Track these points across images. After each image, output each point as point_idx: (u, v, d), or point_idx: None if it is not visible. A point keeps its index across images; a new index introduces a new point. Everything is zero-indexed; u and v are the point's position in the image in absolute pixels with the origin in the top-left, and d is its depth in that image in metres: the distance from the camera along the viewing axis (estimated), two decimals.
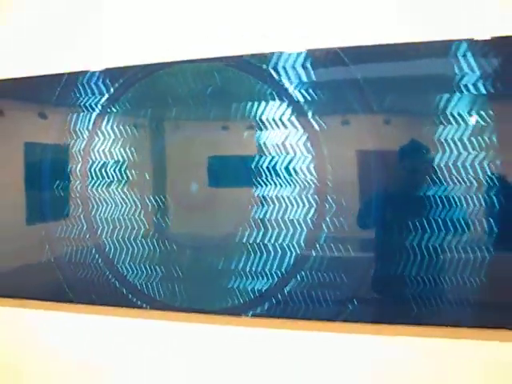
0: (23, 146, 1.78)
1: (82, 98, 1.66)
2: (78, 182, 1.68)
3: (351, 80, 1.39)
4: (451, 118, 1.31)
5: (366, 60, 1.40)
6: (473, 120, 1.29)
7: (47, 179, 1.73)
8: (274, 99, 1.45)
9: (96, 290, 1.67)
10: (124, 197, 1.63)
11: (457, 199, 1.32)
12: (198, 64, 1.52)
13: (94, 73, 1.65)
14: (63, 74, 1.68)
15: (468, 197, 1.32)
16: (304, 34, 1.46)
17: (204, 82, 1.52)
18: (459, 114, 1.31)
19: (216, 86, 1.51)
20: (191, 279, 1.57)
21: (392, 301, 1.42)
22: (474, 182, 1.31)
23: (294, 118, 1.44)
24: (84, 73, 1.66)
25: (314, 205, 1.44)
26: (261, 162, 1.48)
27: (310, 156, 1.43)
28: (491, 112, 1.28)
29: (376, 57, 1.39)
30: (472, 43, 1.29)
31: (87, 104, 1.66)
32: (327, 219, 1.43)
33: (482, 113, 1.29)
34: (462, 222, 1.34)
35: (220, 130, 1.54)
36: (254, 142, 1.49)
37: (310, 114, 1.42)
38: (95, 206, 1.66)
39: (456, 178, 1.32)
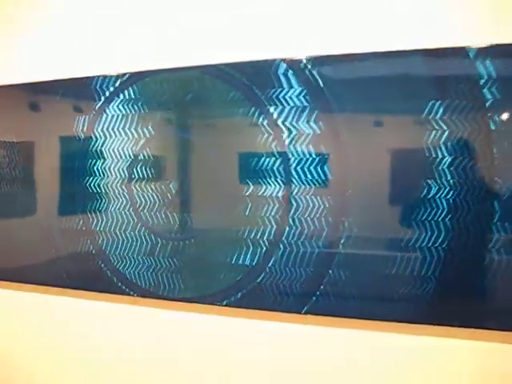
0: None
1: (78, 102, 1.83)
2: (76, 178, 1.84)
3: (318, 88, 1.49)
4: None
5: (339, 70, 1.50)
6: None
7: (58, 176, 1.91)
8: (245, 105, 1.57)
9: (90, 278, 1.84)
10: (116, 193, 1.78)
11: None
12: (179, 72, 1.66)
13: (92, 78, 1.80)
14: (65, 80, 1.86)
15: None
16: (276, 43, 1.57)
17: (184, 89, 1.65)
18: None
19: (195, 92, 1.64)
20: (173, 270, 1.71)
21: (352, 296, 1.52)
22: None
23: (264, 123, 1.55)
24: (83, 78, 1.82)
25: (283, 203, 1.55)
26: (237, 164, 1.60)
27: (278, 158, 1.54)
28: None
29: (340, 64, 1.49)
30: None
31: (84, 107, 1.82)
32: (294, 217, 1.54)
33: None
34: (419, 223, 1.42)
35: (200, 132, 1.67)
36: (231, 145, 1.62)
37: (279, 120, 1.53)
38: (90, 201, 1.82)
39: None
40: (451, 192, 1.39)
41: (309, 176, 1.51)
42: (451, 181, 1.38)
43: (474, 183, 1.36)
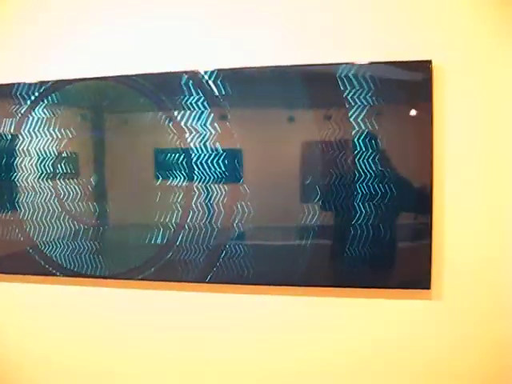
0: None
1: (7, 106, 2.05)
2: (3, 173, 2.06)
3: (215, 98, 1.82)
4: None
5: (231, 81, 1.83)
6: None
7: None
8: (153, 109, 1.88)
9: (19, 262, 2.07)
10: (41, 185, 2.02)
11: None
12: (97, 81, 1.93)
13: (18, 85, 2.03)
14: None
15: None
16: (180, 58, 1.89)
17: (102, 96, 1.93)
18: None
19: (110, 99, 1.92)
20: (94, 251, 1.98)
21: (244, 265, 1.86)
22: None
23: (170, 124, 1.87)
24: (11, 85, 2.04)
25: (184, 192, 1.87)
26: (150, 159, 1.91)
27: (182, 153, 1.86)
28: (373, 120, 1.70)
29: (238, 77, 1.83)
30: (353, 66, 1.70)
31: (12, 111, 2.04)
32: (193, 204, 1.86)
33: (366, 121, 1.70)
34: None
35: (115, 134, 1.95)
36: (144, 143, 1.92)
37: (182, 122, 1.85)
38: (18, 194, 2.05)
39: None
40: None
41: (208, 168, 1.84)
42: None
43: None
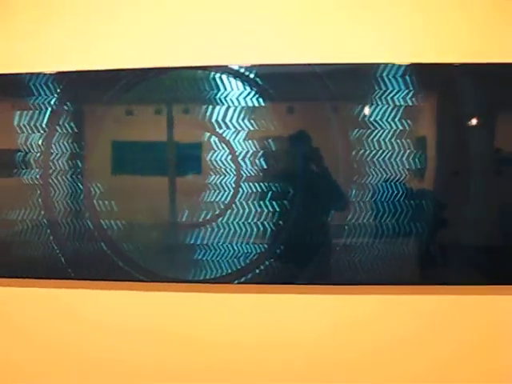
0: None
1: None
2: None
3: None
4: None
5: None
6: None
7: None
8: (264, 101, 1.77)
9: (95, 266, 1.88)
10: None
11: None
12: (194, 71, 1.79)
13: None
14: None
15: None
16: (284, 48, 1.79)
17: (199, 87, 1.79)
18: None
19: (210, 91, 1.79)
20: (187, 253, 1.84)
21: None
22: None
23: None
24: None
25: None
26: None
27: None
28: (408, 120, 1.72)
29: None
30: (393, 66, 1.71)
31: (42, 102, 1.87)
32: None
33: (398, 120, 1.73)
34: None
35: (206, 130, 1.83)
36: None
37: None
38: (93, 192, 1.87)
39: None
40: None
41: None
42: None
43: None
